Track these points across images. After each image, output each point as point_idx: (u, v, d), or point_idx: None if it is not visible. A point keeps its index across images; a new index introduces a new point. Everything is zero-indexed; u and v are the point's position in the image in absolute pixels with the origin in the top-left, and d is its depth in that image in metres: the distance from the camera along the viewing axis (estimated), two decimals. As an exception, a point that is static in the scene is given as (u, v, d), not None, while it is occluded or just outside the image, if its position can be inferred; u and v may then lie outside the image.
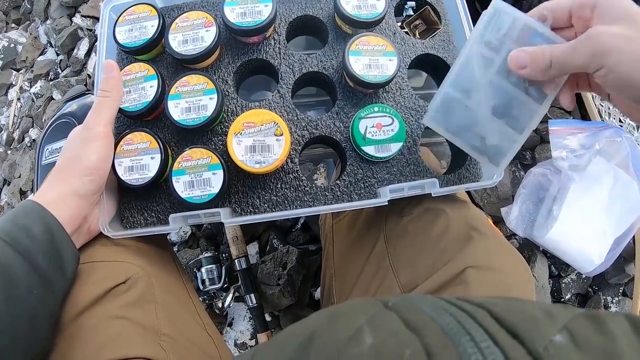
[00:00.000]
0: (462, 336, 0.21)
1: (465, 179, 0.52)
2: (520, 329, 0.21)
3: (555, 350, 0.19)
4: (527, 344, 0.20)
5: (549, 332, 0.20)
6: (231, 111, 0.52)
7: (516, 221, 0.82)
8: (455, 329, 0.22)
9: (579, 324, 0.21)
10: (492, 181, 0.49)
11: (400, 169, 0.51)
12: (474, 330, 0.21)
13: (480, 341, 0.20)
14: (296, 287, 0.84)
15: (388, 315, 0.24)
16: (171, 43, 0.51)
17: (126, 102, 0.50)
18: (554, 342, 0.20)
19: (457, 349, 0.20)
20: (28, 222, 0.40)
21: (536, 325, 0.21)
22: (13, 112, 1.44)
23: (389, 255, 0.50)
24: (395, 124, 0.50)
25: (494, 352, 0.20)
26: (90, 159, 0.44)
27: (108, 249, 0.49)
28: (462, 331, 0.21)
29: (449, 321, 0.22)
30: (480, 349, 0.20)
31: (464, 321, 0.22)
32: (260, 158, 0.46)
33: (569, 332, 0.20)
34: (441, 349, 0.21)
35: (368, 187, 0.50)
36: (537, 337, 0.20)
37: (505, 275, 0.43)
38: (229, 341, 0.90)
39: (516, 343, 0.20)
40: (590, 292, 0.88)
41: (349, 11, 0.51)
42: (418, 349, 0.21)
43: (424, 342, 0.21)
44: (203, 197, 0.46)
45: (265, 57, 0.54)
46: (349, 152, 0.51)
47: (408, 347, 0.21)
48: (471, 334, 0.21)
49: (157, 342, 0.45)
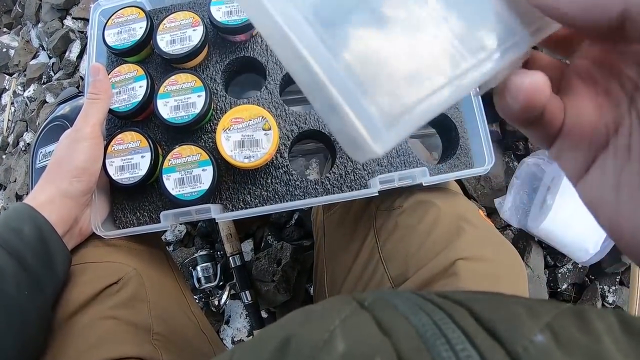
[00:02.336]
0: (437, 339, 0.20)
1: (456, 168, 0.52)
2: (499, 329, 0.20)
3: (535, 351, 0.18)
4: (506, 344, 0.19)
5: (530, 331, 0.19)
6: (220, 109, 0.52)
7: (510, 212, 0.82)
8: (431, 330, 0.21)
9: (563, 322, 0.20)
10: (484, 168, 0.49)
11: (390, 160, 0.51)
12: (450, 331, 0.20)
13: (457, 344, 0.19)
14: (291, 283, 0.85)
15: (361, 317, 0.23)
16: (159, 43, 0.51)
17: (116, 103, 0.50)
18: (534, 342, 0.19)
19: (430, 353, 0.19)
20: (19, 224, 0.40)
21: (517, 323, 0.20)
22: (7, 116, 1.44)
23: (379, 249, 0.50)
24: None
25: (471, 355, 0.19)
26: (79, 160, 0.44)
27: (100, 249, 0.49)
28: (438, 333, 0.20)
29: (424, 321, 0.22)
30: (455, 352, 0.19)
31: (441, 321, 0.21)
32: (249, 153, 0.46)
33: (551, 331, 0.19)
34: (414, 354, 0.20)
35: (358, 179, 0.51)
36: (516, 336, 0.19)
37: (496, 265, 0.43)
38: (226, 339, 0.90)
39: (495, 344, 0.19)
40: (587, 282, 0.88)
41: None
42: (389, 355, 0.20)
43: (396, 347, 0.20)
44: (194, 194, 0.46)
45: (252, 54, 0.54)
46: (338, 144, 0.51)
47: (379, 354, 0.20)
48: (447, 336, 0.20)
49: (149, 341, 0.45)
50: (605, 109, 0.22)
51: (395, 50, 0.19)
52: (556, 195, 0.77)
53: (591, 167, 0.22)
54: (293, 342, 0.23)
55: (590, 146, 0.22)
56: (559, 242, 0.80)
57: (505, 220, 0.84)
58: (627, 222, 0.20)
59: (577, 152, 0.23)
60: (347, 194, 0.48)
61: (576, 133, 0.22)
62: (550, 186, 0.79)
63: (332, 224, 0.62)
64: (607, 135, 0.21)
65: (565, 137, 0.23)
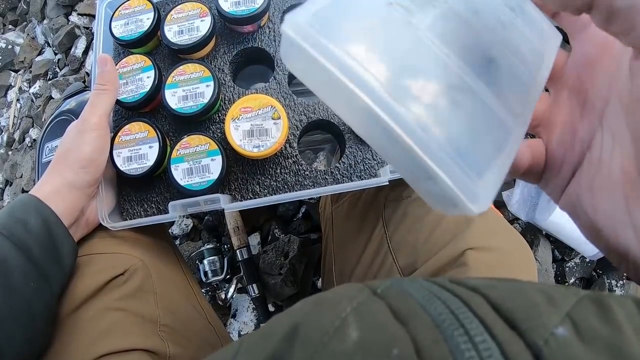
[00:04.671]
0: (455, 329, 0.19)
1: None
2: (518, 318, 0.19)
3: (556, 344, 0.17)
4: (526, 336, 0.18)
5: (551, 321, 0.18)
6: (228, 99, 0.52)
7: (518, 205, 0.81)
8: (448, 320, 0.20)
9: (583, 311, 0.19)
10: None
11: None
12: (468, 321, 0.19)
13: (475, 335, 0.18)
14: (298, 277, 0.85)
15: (375, 304, 0.23)
16: (167, 34, 0.51)
17: (123, 94, 0.50)
18: (556, 335, 0.18)
19: (448, 345, 0.18)
20: (25, 215, 0.40)
21: (536, 313, 0.19)
22: (13, 113, 1.44)
23: (388, 239, 0.50)
24: None
25: (490, 348, 0.18)
26: (85, 151, 0.44)
27: (106, 241, 0.49)
28: (456, 323, 0.19)
29: (440, 310, 0.21)
30: (474, 343, 0.18)
31: (458, 310, 0.20)
32: (259, 142, 0.46)
33: (572, 322, 0.19)
34: (431, 344, 0.19)
35: (368, 168, 0.50)
36: (537, 327, 0.18)
37: (505, 256, 0.43)
38: (232, 332, 0.91)
39: (515, 335, 0.18)
40: (595, 276, 0.88)
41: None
42: (407, 346, 0.19)
43: (413, 337, 0.19)
44: (202, 184, 0.46)
45: (260, 45, 0.54)
46: (347, 134, 0.51)
47: (396, 344, 0.19)
48: (465, 327, 0.19)
49: (156, 332, 0.45)
50: (580, 131, 0.25)
51: (472, 120, 0.21)
52: (564, 188, 0.77)
53: (570, 182, 0.25)
54: (301, 329, 0.22)
55: (570, 167, 0.25)
56: (567, 236, 0.79)
57: (513, 214, 0.83)
58: (604, 221, 0.23)
59: (559, 175, 0.26)
60: (357, 183, 0.48)
61: (557, 163, 0.26)
62: (558, 179, 0.79)
63: (341, 215, 0.62)
64: (582, 153, 0.24)
65: (548, 169, 0.26)
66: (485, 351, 0.18)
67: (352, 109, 0.20)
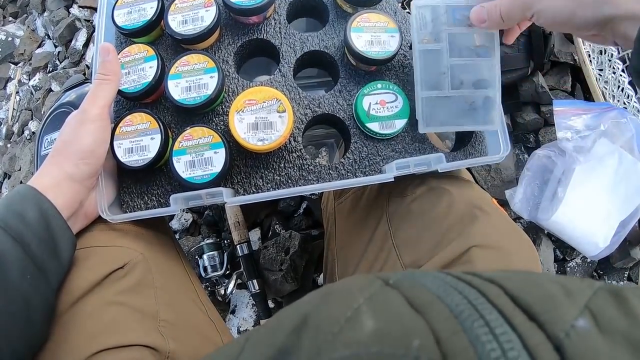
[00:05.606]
0: (475, 320, 0.19)
1: (471, 156, 0.51)
2: (537, 310, 0.19)
3: (577, 336, 0.17)
4: (546, 327, 0.18)
5: (570, 313, 0.18)
6: (232, 91, 0.51)
7: (521, 204, 0.81)
8: (467, 311, 0.19)
9: (601, 303, 0.19)
10: (499, 156, 0.49)
11: (405, 147, 0.51)
12: (487, 312, 0.19)
13: (495, 326, 0.18)
14: (299, 273, 0.84)
15: (390, 294, 0.22)
16: (171, 24, 0.50)
17: (125, 84, 0.49)
18: (577, 327, 0.18)
19: (468, 336, 0.18)
20: (22, 207, 0.39)
21: (555, 304, 0.19)
22: (12, 105, 1.43)
23: (392, 236, 0.49)
24: (399, 101, 0.50)
25: (511, 340, 0.17)
26: (85, 142, 0.43)
27: (106, 233, 0.48)
28: (475, 314, 0.19)
29: (458, 301, 0.20)
30: (495, 335, 0.18)
31: (476, 301, 0.20)
32: (263, 135, 0.45)
33: (591, 314, 0.18)
34: (451, 335, 0.18)
35: (373, 164, 0.50)
36: (557, 319, 0.18)
37: (510, 254, 0.42)
38: (232, 328, 0.90)
39: (534, 326, 0.18)
40: (595, 276, 0.87)
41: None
42: (427, 337, 0.18)
43: (432, 328, 0.19)
44: (205, 177, 0.45)
45: (265, 37, 0.53)
46: (353, 129, 0.50)
47: (415, 335, 0.19)
48: (485, 317, 0.19)
49: (156, 327, 0.44)
50: None
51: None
52: (567, 188, 0.77)
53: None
54: (311, 321, 0.21)
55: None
56: (568, 236, 0.79)
57: (515, 212, 0.83)
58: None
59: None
60: (362, 179, 0.47)
61: None
62: (561, 179, 0.78)
63: (343, 211, 0.61)
64: None
65: None
66: (507, 343, 0.17)
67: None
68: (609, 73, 0.83)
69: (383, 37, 0.50)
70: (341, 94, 0.52)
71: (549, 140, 0.87)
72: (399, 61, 0.53)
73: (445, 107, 0.48)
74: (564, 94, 0.90)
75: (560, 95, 0.90)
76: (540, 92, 0.85)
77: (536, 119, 0.88)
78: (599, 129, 0.76)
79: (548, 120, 0.88)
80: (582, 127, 0.76)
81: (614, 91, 0.85)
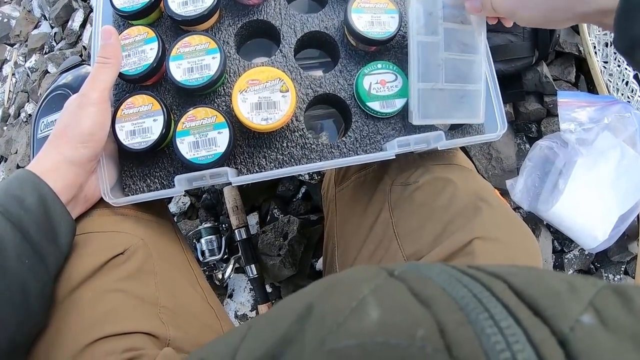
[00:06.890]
0: (480, 313, 0.19)
1: (469, 134, 0.53)
2: (542, 305, 0.19)
3: (582, 332, 0.17)
4: (551, 322, 0.18)
5: (575, 309, 0.18)
6: (234, 72, 0.51)
7: (521, 194, 0.81)
8: (472, 304, 0.19)
9: (606, 301, 0.19)
10: (496, 134, 0.51)
11: (405, 125, 0.52)
12: (492, 305, 0.19)
13: (500, 320, 0.18)
14: (297, 258, 0.84)
15: (395, 286, 0.22)
16: (170, 5, 0.49)
17: (126, 66, 0.48)
18: (581, 323, 0.18)
19: (473, 328, 0.18)
20: (21, 192, 0.38)
21: (560, 300, 0.19)
22: (8, 87, 1.41)
23: (394, 225, 0.49)
24: (399, 81, 0.51)
25: (516, 333, 0.17)
26: (85, 126, 0.43)
27: (106, 218, 0.47)
28: (480, 307, 0.19)
29: (463, 294, 0.20)
30: (500, 328, 0.18)
31: (480, 294, 0.20)
32: (267, 115, 0.45)
33: (596, 311, 0.18)
34: (456, 327, 0.18)
35: (374, 143, 0.51)
36: (562, 314, 0.18)
37: (512, 247, 0.42)
38: (229, 313, 0.90)
39: (539, 321, 0.18)
40: (592, 269, 0.88)
41: None
42: (431, 327, 0.19)
43: (437, 319, 0.19)
44: (209, 157, 0.45)
45: (266, 17, 0.53)
46: (354, 109, 0.51)
47: (420, 325, 0.19)
48: (489, 311, 0.19)
49: (156, 314, 0.44)
50: None
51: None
52: (568, 179, 0.76)
53: None
54: (315, 311, 0.21)
55: None
56: (567, 227, 0.79)
57: (515, 203, 0.83)
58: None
59: None
60: (364, 157, 0.48)
61: None
62: (562, 170, 0.78)
63: (344, 198, 0.61)
64: None
65: None
66: (512, 336, 0.17)
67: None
68: (614, 66, 0.82)
69: (383, 17, 0.51)
70: (342, 74, 0.52)
71: (551, 130, 0.86)
72: (397, 42, 0.54)
73: (438, 100, 0.49)
74: (567, 84, 0.90)
75: (563, 86, 0.89)
76: (544, 81, 0.84)
77: (539, 109, 0.87)
78: (603, 122, 0.76)
79: (551, 110, 0.87)
80: (585, 120, 0.76)
81: (618, 84, 0.84)
